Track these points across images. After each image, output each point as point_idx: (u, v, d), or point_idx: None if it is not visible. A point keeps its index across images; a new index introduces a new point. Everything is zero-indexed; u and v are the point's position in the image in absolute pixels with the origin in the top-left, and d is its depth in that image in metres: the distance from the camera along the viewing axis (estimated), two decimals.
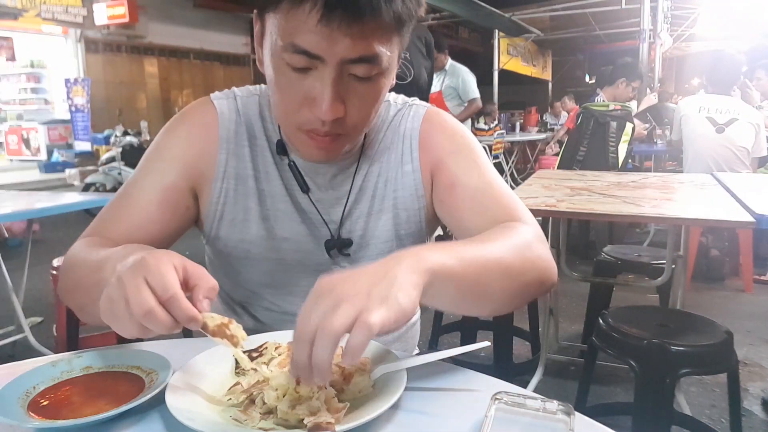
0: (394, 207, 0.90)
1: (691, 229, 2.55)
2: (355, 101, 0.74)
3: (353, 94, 0.73)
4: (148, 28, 12.14)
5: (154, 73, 13.13)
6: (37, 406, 0.61)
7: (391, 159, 0.91)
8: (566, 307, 3.19)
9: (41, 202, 2.44)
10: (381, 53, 0.71)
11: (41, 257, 3.60)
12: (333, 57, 0.69)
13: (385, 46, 0.71)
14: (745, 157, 3.54)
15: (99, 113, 10.34)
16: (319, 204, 0.88)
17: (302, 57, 0.69)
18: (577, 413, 0.56)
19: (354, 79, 0.72)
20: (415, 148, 0.90)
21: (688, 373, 1.50)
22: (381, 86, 0.76)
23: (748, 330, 2.94)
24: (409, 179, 0.90)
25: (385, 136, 0.91)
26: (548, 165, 6.25)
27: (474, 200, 0.85)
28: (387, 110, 0.93)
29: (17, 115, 11.39)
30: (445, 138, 0.90)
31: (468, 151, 0.90)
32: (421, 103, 0.95)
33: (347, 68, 0.71)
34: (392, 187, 0.90)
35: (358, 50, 0.69)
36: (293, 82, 0.72)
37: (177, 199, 0.86)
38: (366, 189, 0.90)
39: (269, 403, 0.59)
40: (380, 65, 0.72)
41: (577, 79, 17.15)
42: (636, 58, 6.36)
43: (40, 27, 10.95)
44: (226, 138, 0.87)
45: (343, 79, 0.72)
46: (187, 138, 0.87)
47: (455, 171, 0.88)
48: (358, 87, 0.73)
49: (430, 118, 0.92)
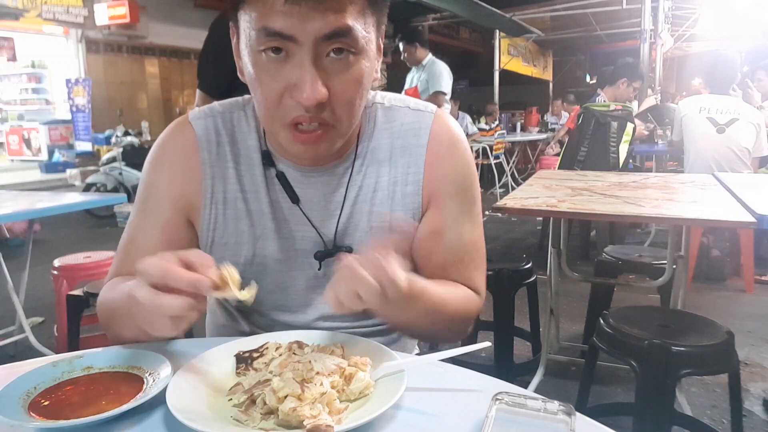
0: (392, 227, 0.86)
1: (692, 229, 2.55)
2: (336, 84, 0.71)
3: (334, 77, 0.71)
4: (149, 29, 12.12)
5: (155, 74, 13.12)
6: (38, 407, 0.61)
7: (392, 174, 0.86)
8: (567, 308, 3.19)
9: (42, 202, 2.44)
10: (355, 27, 0.69)
11: (42, 257, 3.61)
12: (306, 36, 0.68)
13: (358, 21, 0.70)
14: (746, 157, 3.54)
15: (100, 113, 10.34)
16: (310, 215, 0.85)
17: (276, 40, 0.68)
18: (578, 414, 0.56)
19: (333, 61, 0.71)
20: (419, 170, 0.85)
21: (689, 374, 1.50)
22: (362, 68, 0.73)
23: (749, 330, 2.94)
24: (409, 200, 0.86)
25: (381, 144, 0.86)
26: (549, 165, 6.24)
27: (445, 260, 0.86)
28: (381, 114, 0.88)
29: (18, 115, 11.40)
30: (451, 171, 0.86)
31: (465, 198, 0.87)
32: (426, 107, 0.89)
33: (324, 48, 0.70)
34: (393, 205, 0.86)
35: (330, 24, 0.68)
36: (272, 73, 0.71)
37: (178, 234, 0.86)
38: (362, 203, 0.86)
39: (270, 404, 0.59)
40: (356, 41, 0.70)
41: (578, 80, 17.14)
42: (637, 59, 6.36)
43: (41, 27, 10.95)
44: (208, 162, 0.85)
45: (322, 60, 0.70)
46: (170, 170, 0.86)
47: (447, 219, 0.86)
48: (339, 69, 0.71)
49: (439, 135, 0.87)
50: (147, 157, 0.89)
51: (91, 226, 6.13)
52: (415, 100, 0.90)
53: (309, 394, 0.59)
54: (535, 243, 4.93)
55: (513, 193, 2.08)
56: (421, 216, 0.87)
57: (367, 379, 0.64)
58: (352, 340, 0.73)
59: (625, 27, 10.96)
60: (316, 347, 0.71)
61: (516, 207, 1.81)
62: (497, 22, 10.12)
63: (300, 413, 0.56)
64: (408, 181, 0.86)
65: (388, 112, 0.88)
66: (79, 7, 11.10)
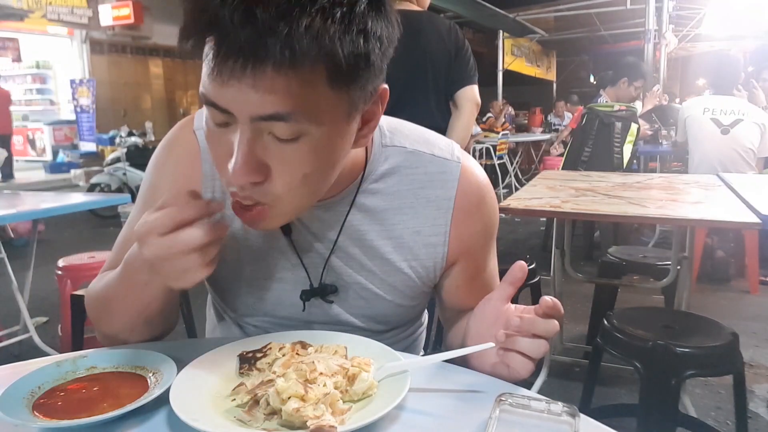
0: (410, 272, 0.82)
1: (696, 230, 2.54)
2: (278, 166, 0.61)
3: (275, 157, 0.61)
4: (153, 29, 12.18)
5: (159, 74, 13.17)
6: (41, 406, 0.61)
7: (415, 224, 0.81)
8: (571, 308, 3.19)
9: (46, 202, 2.45)
10: (302, 111, 0.57)
11: (46, 257, 3.62)
12: (240, 113, 0.58)
13: (310, 102, 0.57)
14: (750, 158, 3.52)
15: (104, 114, 10.39)
16: (303, 246, 0.81)
17: (214, 110, 0.60)
18: (582, 415, 0.56)
19: (275, 139, 0.60)
20: (446, 223, 0.81)
21: (693, 375, 1.50)
22: (316, 149, 0.61)
23: (754, 331, 2.93)
24: (432, 252, 0.82)
25: (401, 192, 0.80)
26: (552, 165, 6.24)
27: (478, 288, 0.86)
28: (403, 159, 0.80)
29: (23, 115, 11.46)
30: (482, 227, 0.85)
31: (493, 239, 0.89)
32: (451, 155, 0.82)
33: (263, 126, 0.58)
34: (417, 255, 0.82)
35: (267, 107, 0.56)
36: (216, 138, 0.63)
37: None
38: (360, 243, 0.80)
39: (273, 404, 0.59)
40: (305, 125, 0.58)
41: (582, 80, 17.11)
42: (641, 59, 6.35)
43: (45, 28, 11.01)
44: (210, 175, 0.82)
45: (262, 138, 0.60)
46: (174, 174, 0.84)
47: (480, 265, 0.88)
48: (283, 149, 0.60)
49: (467, 188, 0.82)
50: (152, 157, 0.88)
51: (95, 227, 6.15)
52: (439, 145, 0.84)
53: (312, 395, 0.59)
54: (539, 244, 4.92)
55: (516, 194, 2.07)
56: (443, 266, 0.85)
57: (370, 379, 0.63)
58: (355, 341, 0.73)
59: (629, 27, 10.94)
60: (320, 347, 0.71)
61: (519, 207, 1.81)
62: (501, 23, 10.13)
63: (303, 414, 0.56)
64: (434, 233, 0.81)
65: (410, 158, 0.81)
66: (83, 8, 11.16)
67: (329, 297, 0.82)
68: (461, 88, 2.42)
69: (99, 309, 0.80)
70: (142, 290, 0.71)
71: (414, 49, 2.35)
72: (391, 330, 0.90)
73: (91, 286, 0.83)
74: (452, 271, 0.86)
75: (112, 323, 0.78)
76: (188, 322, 2.14)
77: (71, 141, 10.96)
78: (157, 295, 0.72)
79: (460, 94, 2.41)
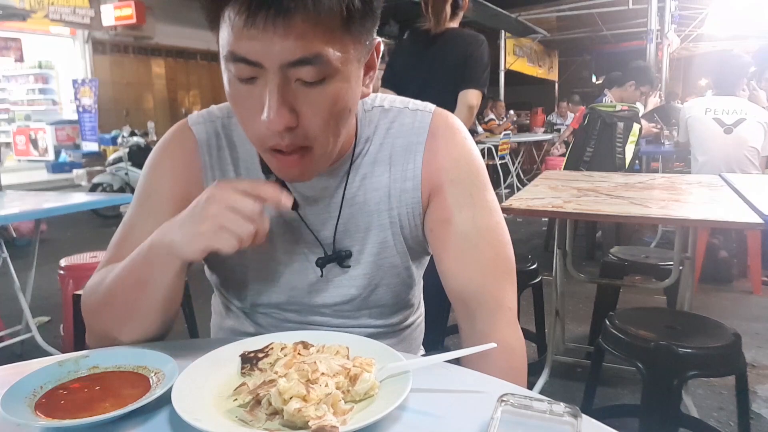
0: (393, 225, 0.85)
1: (698, 230, 2.54)
2: (307, 109, 0.67)
3: (304, 102, 0.67)
4: (156, 29, 12.19)
5: (161, 74, 13.18)
6: (44, 406, 0.61)
7: (392, 173, 0.85)
8: (573, 309, 3.18)
9: (49, 202, 2.46)
10: (326, 53, 0.64)
11: (49, 257, 3.63)
12: (270, 61, 0.63)
13: (331, 46, 0.64)
14: (754, 157, 3.51)
15: (106, 114, 10.39)
16: (309, 220, 0.84)
17: (242, 65, 0.64)
18: (584, 415, 0.56)
19: (302, 84, 0.65)
20: (418, 165, 0.84)
21: (695, 376, 1.49)
22: (336, 90, 0.67)
23: (757, 332, 2.92)
24: (408, 197, 0.85)
25: (383, 146, 0.85)
26: (554, 166, 6.23)
27: (460, 247, 0.83)
28: (382, 116, 0.86)
29: (25, 115, 11.48)
30: (449, 160, 0.84)
31: (469, 182, 0.85)
32: (425, 107, 0.88)
33: (292, 73, 0.64)
34: (393, 204, 0.85)
35: (296, 52, 0.62)
36: (244, 95, 0.67)
37: None
38: (361, 203, 0.85)
39: (275, 404, 0.59)
40: (328, 67, 0.65)
41: (584, 80, 17.12)
42: (643, 59, 6.34)
43: (48, 28, 11.02)
44: (209, 165, 0.85)
45: (290, 85, 0.65)
46: (171, 172, 0.85)
47: (451, 204, 0.84)
48: (309, 93, 0.66)
49: (437, 129, 0.85)
50: (147, 160, 0.89)
51: (97, 226, 6.16)
52: (414, 101, 0.89)
53: (314, 395, 0.59)
54: (541, 244, 4.92)
55: (518, 194, 2.07)
56: (422, 211, 0.86)
57: (372, 380, 0.63)
58: (357, 341, 0.73)
59: (631, 27, 10.94)
60: (322, 348, 0.71)
61: (521, 207, 1.81)
62: (503, 23, 10.12)
63: (305, 414, 0.56)
64: (407, 177, 0.84)
65: (388, 114, 0.87)
66: (85, 8, 11.17)
67: (346, 263, 0.86)
68: (462, 90, 2.51)
69: (100, 303, 0.79)
70: (152, 274, 0.73)
71: (430, 57, 2.61)
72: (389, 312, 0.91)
73: (93, 280, 0.83)
74: (426, 214, 0.87)
75: (104, 318, 0.78)
76: (190, 322, 2.14)
77: (73, 141, 10.96)
78: (166, 282, 0.73)
79: (459, 95, 2.50)
